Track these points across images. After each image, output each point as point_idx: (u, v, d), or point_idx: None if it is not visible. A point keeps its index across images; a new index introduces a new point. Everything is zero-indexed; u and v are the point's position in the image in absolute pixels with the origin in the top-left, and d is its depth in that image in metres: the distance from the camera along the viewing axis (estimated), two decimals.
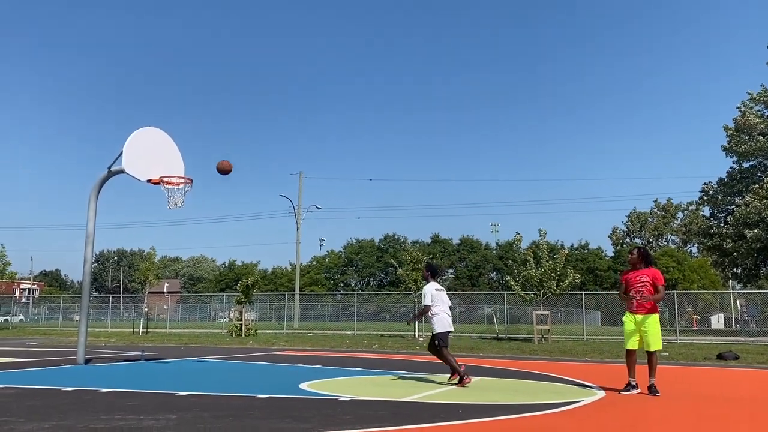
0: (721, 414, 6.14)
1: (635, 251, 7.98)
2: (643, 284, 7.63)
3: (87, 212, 11.37)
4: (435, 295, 8.53)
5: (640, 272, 7.75)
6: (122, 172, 10.88)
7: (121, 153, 10.79)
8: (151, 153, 11.16)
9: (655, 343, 7.49)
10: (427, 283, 8.74)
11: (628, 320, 7.69)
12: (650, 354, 7.54)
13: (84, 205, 11.36)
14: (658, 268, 8.24)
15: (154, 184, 11.00)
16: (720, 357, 14.11)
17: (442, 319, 8.51)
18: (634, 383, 7.59)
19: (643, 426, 5.37)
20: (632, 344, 7.64)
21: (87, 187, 11.59)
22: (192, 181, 11.35)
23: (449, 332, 8.63)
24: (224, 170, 10.65)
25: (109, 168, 11.09)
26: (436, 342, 8.55)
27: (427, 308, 8.49)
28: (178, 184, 11.12)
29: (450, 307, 8.81)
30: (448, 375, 8.69)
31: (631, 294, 7.67)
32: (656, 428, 5.29)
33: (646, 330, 7.49)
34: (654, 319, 7.54)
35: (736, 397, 7.58)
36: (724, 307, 52.56)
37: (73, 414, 5.51)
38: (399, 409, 6.10)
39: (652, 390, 7.40)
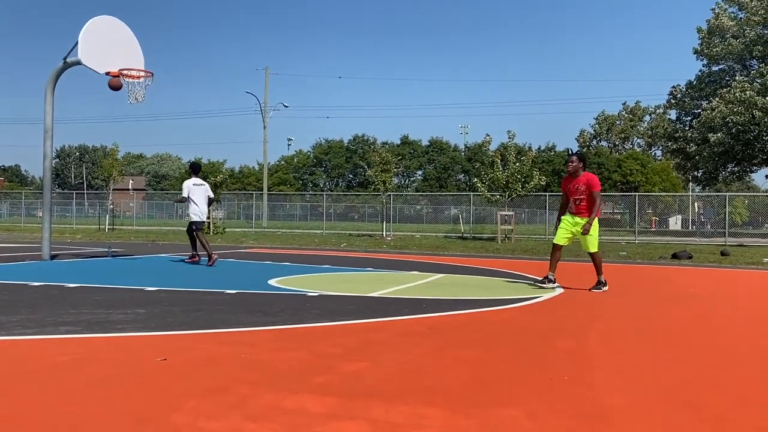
0: (669, 309, 6.45)
1: (574, 157, 7.84)
2: (580, 192, 7.68)
3: (44, 105, 10.95)
4: (192, 189, 10.51)
5: (578, 180, 7.71)
6: (79, 63, 10.38)
7: (77, 43, 10.26)
8: (108, 44, 10.64)
9: (593, 245, 7.70)
10: (190, 178, 10.70)
11: (566, 219, 7.84)
12: (592, 255, 7.78)
13: (41, 98, 10.93)
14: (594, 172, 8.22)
15: (113, 77, 10.56)
16: (675, 256, 14.71)
17: (196, 210, 10.53)
18: (552, 277, 7.85)
19: (598, 320, 5.63)
20: (561, 240, 7.80)
21: (44, 79, 11.06)
22: (152, 74, 10.93)
23: (203, 221, 10.81)
24: (115, 87, 10.42)
25: (65, 59, 10.58)
26: (193, 227, 10.64)
27: (183, 199, 10.51)
28: (138, 77, 10.70)
29: (210, 198, 10.83)
30: (411, 273, 8.93)
31: (571, 203, 7.79)
32: (609, 322, 5.55)
33: (586, 234, 7.63)
34: (593, 224, 7.66)
35: (686, 294, 7.96)
36: (683, 209, 54.27)
37: (41, 308, 5.54)
38: (366, 303, 6.27)
39: (599, 285, 7.73)
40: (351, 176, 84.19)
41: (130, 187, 73.61)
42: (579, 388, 3.25)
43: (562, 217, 7.91)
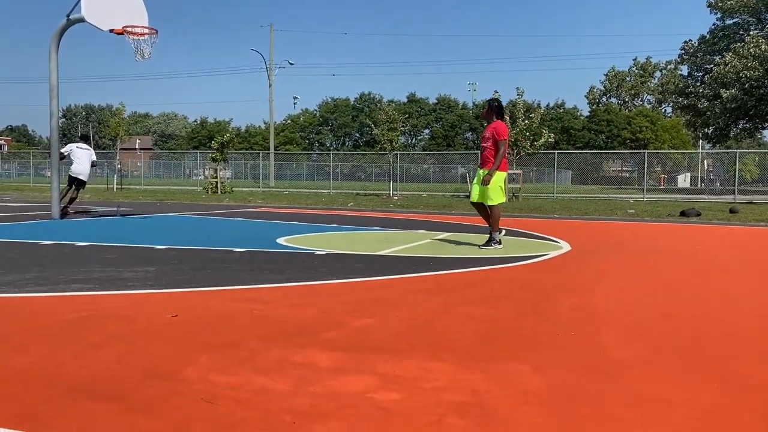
0: (677, 266, 6.46)
1: (486, 104, 7.57)
2: (486, 140, 7.38)
3: (48, 64, 10.87)
4: (75, 151, 12.20)
5: (487, 127, 7.43)
6: (82, 20, 10.26)
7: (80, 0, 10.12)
8: (112, 1, 10.49)
9: (492, 197, 7.31)
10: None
11: (477, 174, 7.56)
12: (490, 208, 7.41)
13: (45, 57, 10.85)
14: (506, 121, 7.53)
15: (118, 34, 10.44)
16: (683, 214, 14.66)
17: (77, 169, 12.10)
18: (496, 237, 7.47)
19: (604, 277, 5.64)
20: (474, 196, 7.52)
21: (47, 37, 10.95)
22: (157, 32, 10.79)
23: (78, 179, 12.16)
24: None
25: (68, 16, 10.44)
26: (74, 183, 12.22)
27: (63, 156, 11.76)
28: (142, 34, 10.57)
29: (93, 162, 12.44)
30: (418, 232, 8.81)
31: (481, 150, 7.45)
32: (616, 279, 5.57)
33: (486, 185, 7.30)
34: (494, 175, 7.25)
35: (694, 252, 7.96)
36: (692, 166, 53.86)
37: (52, 266, 5.60)
38: (373, 261, 6.31)
39: (490, 242, 7.42)
40: (357, 135, 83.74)
41: (137, 147, 73.59)
42: (585, 343, 3.28)
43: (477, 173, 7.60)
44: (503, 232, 7.31)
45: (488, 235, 7.60)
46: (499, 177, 7.35)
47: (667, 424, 2.21)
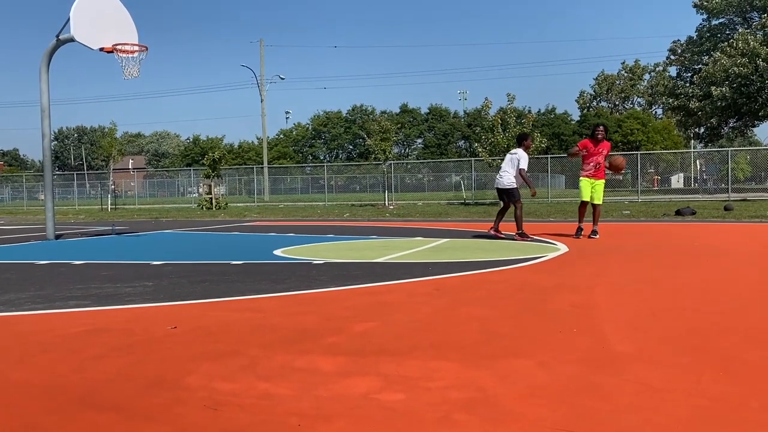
0: (674, 262, 6.46)
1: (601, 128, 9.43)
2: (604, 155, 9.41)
3: (39, 85, 10.86)
4: None
5: (604, 144, 9.39)
6: (72, 40, 10.27)
7: (69, 19, 10.13)
8: (101, 19, 10.50)
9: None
10: None
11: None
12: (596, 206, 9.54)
13: (36, 79, 10.84)
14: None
15: (108, 52, 10.45)
16: (678, 213, 14.71)
17: None
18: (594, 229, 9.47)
19: (603, 275, 5.64)
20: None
21: (38, 60, 10.95)
22: (147, 48, 10.80)
23: None
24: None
25: (58, 36, 10.45)
26: None
27: None
28: (132, 52, 10.58)
29: None
30: (415, 239, 9.05)
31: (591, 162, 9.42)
32: (615, 277, 5.56)
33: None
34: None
35: (690, 248, 7.96)
36: (685, 167, 54.08)
37: (49, 284, 5.56)
38: (372, 269, 6.29)
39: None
40: (351, 147, 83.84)
41: (130, 167, 73.48)
42: (588, 338, 3.27)
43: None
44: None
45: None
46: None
47: (676, 412, 2.20)
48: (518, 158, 9.27)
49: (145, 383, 2.64)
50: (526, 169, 9.28)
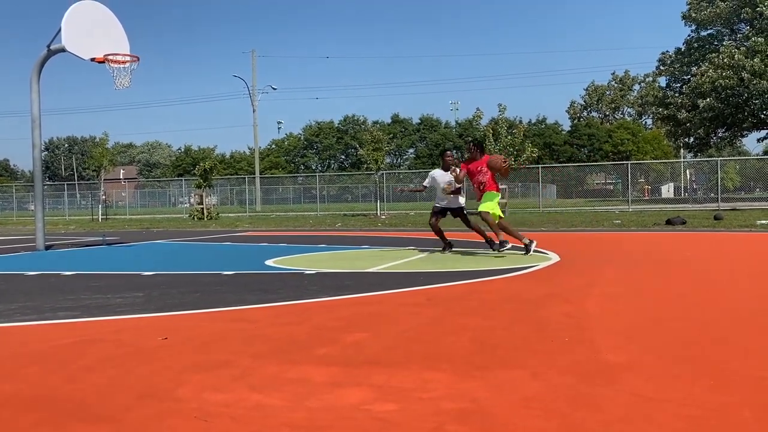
0: (666, 271, 6.49)
1: (471, 144, 8.71)
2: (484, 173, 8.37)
3: (30, 95, 10.82)
4: None
5: (479, 162, 8.40)
6: (63, 50, 10.25)
7: (60, 30, 10.11)
8: (92, 29, 10.49)
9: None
10: None
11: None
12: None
13: (26, 89, 10.80)
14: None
15: (99, 63, 10.43)
16: (669, 222, 14.78)
17: None
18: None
19: (595, 285, 5.65)
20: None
21: (28, 69, 10.93)
22: (138, 59, 10.80)
23: None
24: None
25: (49, 46, 10.43)
26: None
27: None
28: (123, 62, 10.57)
29: None
30: (407, 249, 8.97)
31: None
32: (606, 286, 5.57)
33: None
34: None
35: (681, 257, 8.00)
36: (675, 176, 54.43)
37: (38, 295, 5.52)
38: (364, 279, 6.28)
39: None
40: (343, 157, 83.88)
41: (121, 177, 73.21)
42: (580, 348, 3.28)
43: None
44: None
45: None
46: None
47: (669, 423, 2.20)
48: (436, 178, 9.00)
49: (136, 395, 2.62)
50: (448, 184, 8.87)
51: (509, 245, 8.09)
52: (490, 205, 8.27)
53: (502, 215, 8.60)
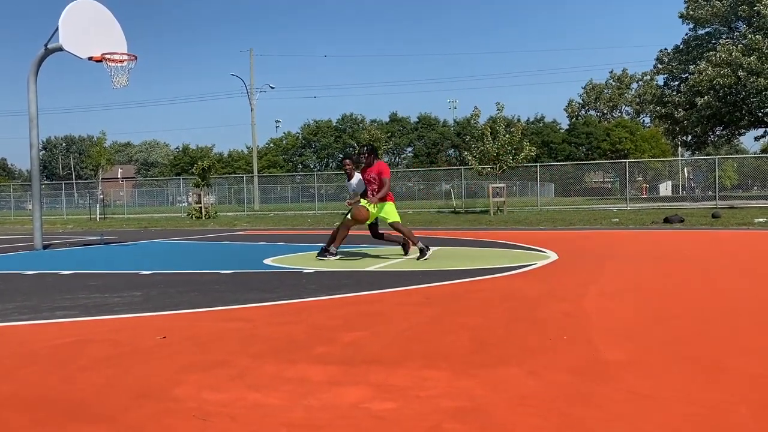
0: (664, 270, 6.50)
1: (365, 149, 8.14)
2: (371, 181, 7.97)
3: (27, 94, 10.80)
4: None
5: (370, 169, 8.01)
6: (61, 49, 10.23)
7: (57, 29, 10.10)
8: (90, 28, 10.48)
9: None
10: None
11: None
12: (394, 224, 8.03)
13: (23, 89, 10.77)
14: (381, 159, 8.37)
15: (96, 61, 10.42)
16: (666, 220, 14.80)
17: None
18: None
19: (593, 283, 5.65)
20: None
21: (25, 68, 10.91)
22: (136, 58, 10.78)
23: None
24: None
25: (46, 45, 10.41)
26: None
27: None
28: (121, 61, 10.56)
29: None
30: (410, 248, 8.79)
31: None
32: (604, 285, 5.58)
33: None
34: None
35: (679, 255, 8.01)
36: (673, 175, 54.48)
37: (36, 295, 5.51)
38: (362, 277, 6.28)
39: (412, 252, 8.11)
40: (341, 156, 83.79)
41: (119, 176, 73.12)
42: (578, 346, 3.28)
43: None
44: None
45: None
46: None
47: (666, 420, 2.21)
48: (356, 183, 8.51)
49: (133, 394, 2.62)
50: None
51: (429, 251, 7.83)
52: (396, 214, 8.09)
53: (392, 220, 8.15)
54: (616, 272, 6.37)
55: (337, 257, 8.03)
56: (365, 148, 8.20)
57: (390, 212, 8.07)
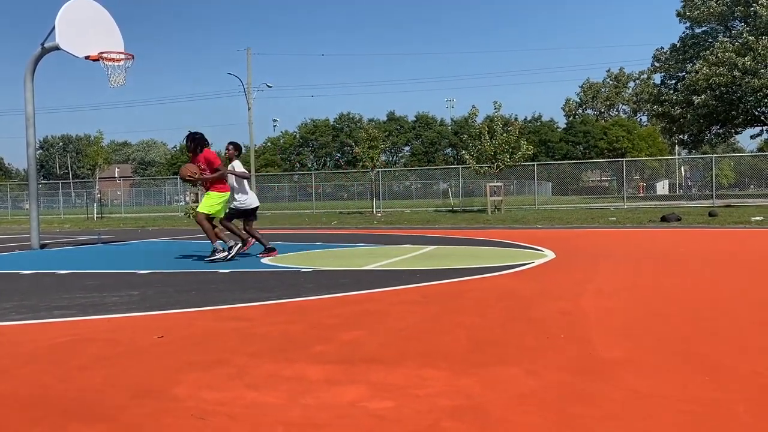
0: (661, 268, 6.51)
1: (189, 140, 8.03)
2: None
3: (24, 93, 10.78)
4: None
5: (198, 158, 7.93)
6: (57, 48, 10.21)
7: (54, 27, 10.08)
8: (87, 27, 10.46)
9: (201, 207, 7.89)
10: None
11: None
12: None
13: (20, 87, 10.76)
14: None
15: (93, 60, 10.40)
16: (664, 219, 14.83)
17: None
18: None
19: (590, 282, 5.66)
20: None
21: (21, 67, 10.88)
22: (133, 56, 10.77)
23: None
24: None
25: (43, 44, 10.39)
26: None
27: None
28: (118, 60, 10.54)
29: None
30: (403, 246, 8.86)
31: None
32: (602, 283, 5.59)
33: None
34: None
35: (676, 254, 8.03)
36: (670, 173, 54.57)
37: (34, 294, 5.50)
38: (360, 276, 6.28)
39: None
40: (338, 155, 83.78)
41: (116, 175, 72.94)
42: (576, 345, 3.28)
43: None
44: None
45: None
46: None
47: (664, 418, 2.21)
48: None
49: (132, 393, 2.62)
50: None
51: (234, 251, 7.88)
52: (206, 207, 7.89)
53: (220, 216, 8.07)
54: (613, 271, 6.38)
55: (229, 255, 7.84)
56: (188, 137, 8.02)
57: (206, 203, 7.87)
